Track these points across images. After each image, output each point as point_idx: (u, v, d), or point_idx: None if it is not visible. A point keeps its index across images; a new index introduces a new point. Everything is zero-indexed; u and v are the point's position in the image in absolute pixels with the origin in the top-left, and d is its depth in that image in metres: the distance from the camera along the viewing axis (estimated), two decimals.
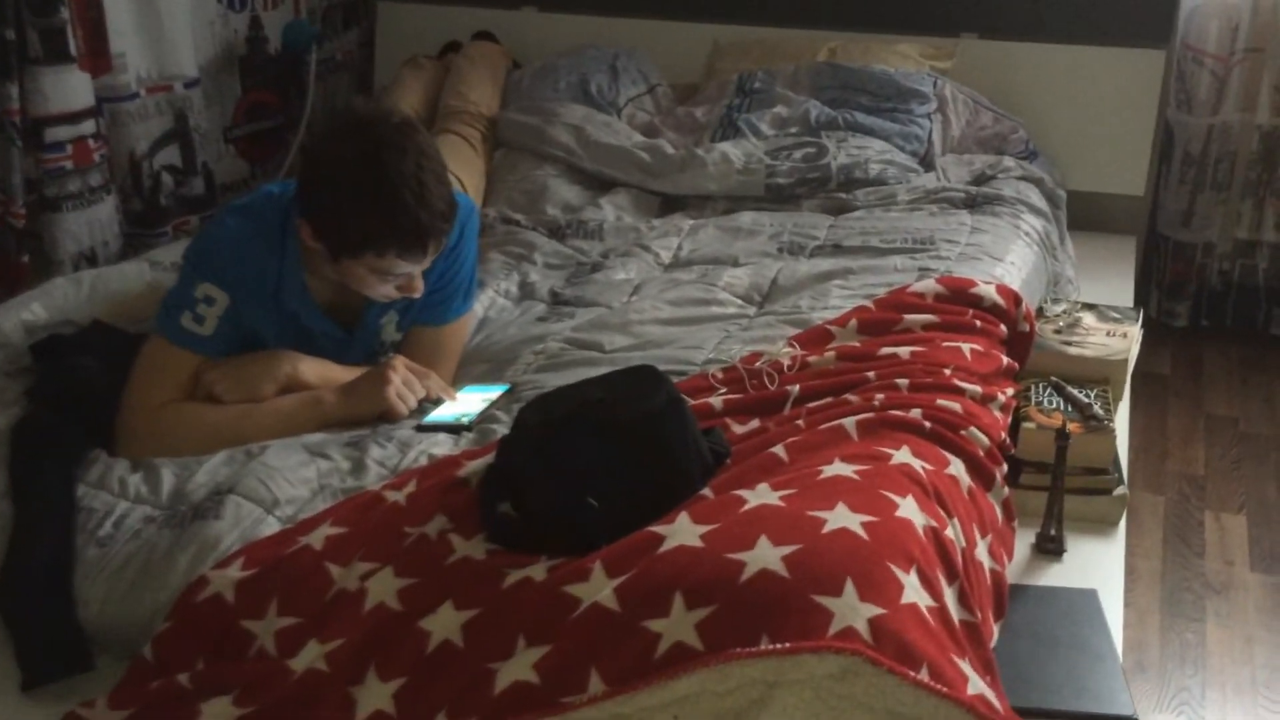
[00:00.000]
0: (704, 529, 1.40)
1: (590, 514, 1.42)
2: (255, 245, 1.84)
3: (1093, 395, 2.04)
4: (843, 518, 1.40)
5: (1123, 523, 1.91)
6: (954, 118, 3.03)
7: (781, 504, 1.44)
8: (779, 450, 1.58)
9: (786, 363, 1.87)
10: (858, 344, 1.94)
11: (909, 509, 1.46)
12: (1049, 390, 2.07)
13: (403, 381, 1.85)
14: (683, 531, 1.39)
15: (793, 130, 2.90)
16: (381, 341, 2.02)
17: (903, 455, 1.58)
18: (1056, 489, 1.83)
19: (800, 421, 1.68)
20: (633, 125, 3.05)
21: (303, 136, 3.25)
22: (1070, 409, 2.01)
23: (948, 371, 1.85)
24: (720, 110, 3.02)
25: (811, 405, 1.74)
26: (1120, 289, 2.85)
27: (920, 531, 1.44)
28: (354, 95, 3.58)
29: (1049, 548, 1.83)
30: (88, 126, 2.67)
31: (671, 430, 1.48)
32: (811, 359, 1.88)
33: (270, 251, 1.85)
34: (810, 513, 1.41)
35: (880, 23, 3.28)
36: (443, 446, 1.76)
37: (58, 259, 2.67)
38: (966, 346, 1.94)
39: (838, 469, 1.52)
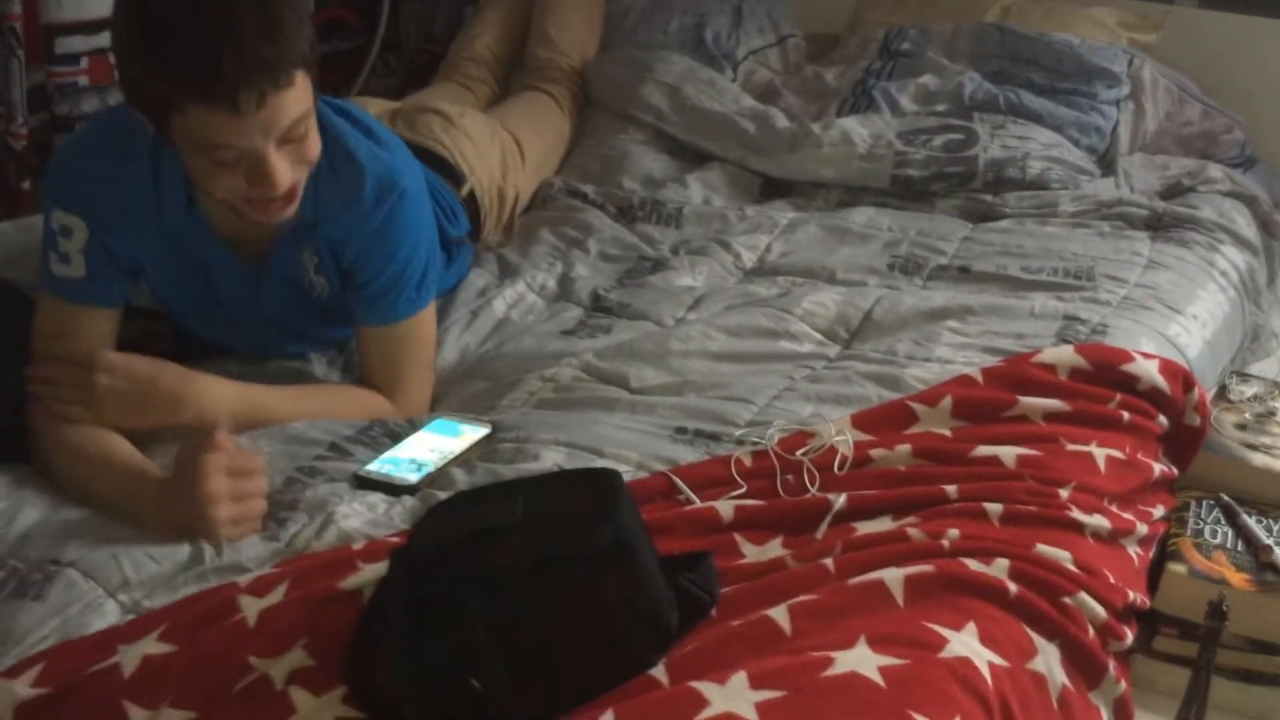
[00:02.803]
0: None
1: (472, 699, 0.98)
2: (115, 156, 1.47)
3: (1276, 530, 1.48)
4: None
5: None
6: (1151, 107, 2.43)
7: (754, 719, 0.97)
8: (780, 615, 1.10)
9: (841, 454, 1.38)
10: (948, 434, 1.43)
11: None
12: (1215, 513, 1.52)
13: (231, 495, 1.30)
14: None
15: (939, 108, 2.35)
16: (311, 286, 1.58)
17: (962, 642, 1.09)
18: (1201, 675, 1.30)
19: (829, 560, 1.19)
20: (749, 85, 2.54)
21: (373, 60, 2.85)
22: (1240, 547, 1.46)
23: (1064, 494, 1.33)
24: (856, 74, 2.48)
25: (856, 533, 1.25)
26: None
27: None
28: (452, 17, 3.15)
29: None
30: (108, 37, 2.32)
31: (609, 585, 1.02)
32: (875, 452, 1.38)
33: (137, 160, 1.47)
34: None
35: None
36: (359, 517, 1.33)
37: None
38: (1102, 453, 1.41)
39: (858, 658, 1.04)
